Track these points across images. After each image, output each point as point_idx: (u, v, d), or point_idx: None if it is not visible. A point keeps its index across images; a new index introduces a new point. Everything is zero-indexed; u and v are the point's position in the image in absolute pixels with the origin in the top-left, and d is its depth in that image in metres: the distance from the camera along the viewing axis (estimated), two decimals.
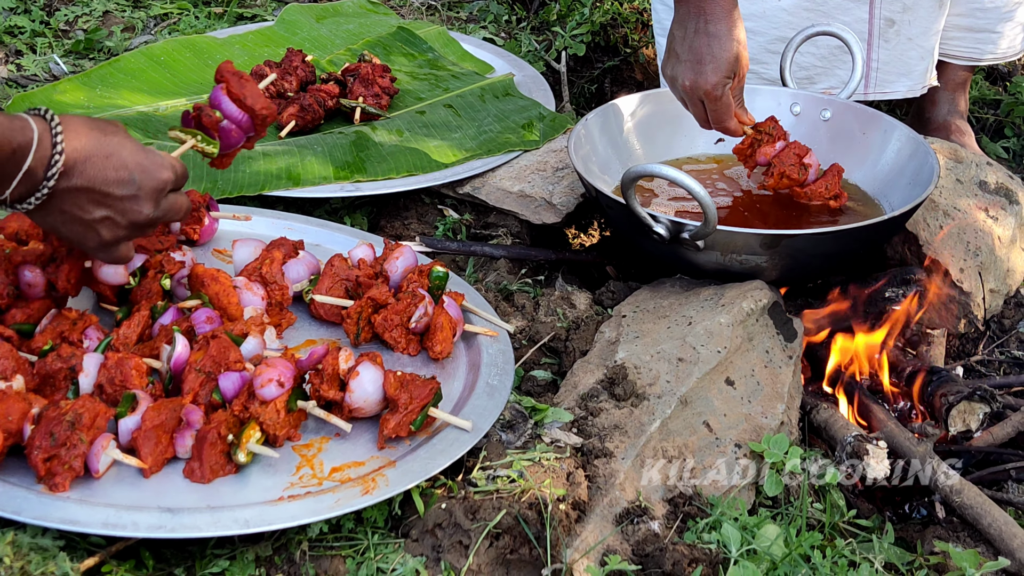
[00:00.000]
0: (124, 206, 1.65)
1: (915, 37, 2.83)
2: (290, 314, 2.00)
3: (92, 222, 1.65)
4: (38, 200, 1.59)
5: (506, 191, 2.50)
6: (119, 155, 1.64)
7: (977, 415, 2.00)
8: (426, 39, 3.17)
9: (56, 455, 1.54)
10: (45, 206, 1.62)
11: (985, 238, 2.35)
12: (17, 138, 1.53)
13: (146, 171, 1.66)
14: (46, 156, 1.57)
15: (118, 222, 1.67)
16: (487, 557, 1.58)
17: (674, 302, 2.09)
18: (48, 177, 1.57)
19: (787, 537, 1.68)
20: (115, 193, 1.64)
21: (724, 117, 2.22)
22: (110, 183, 1.63)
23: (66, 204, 1.63)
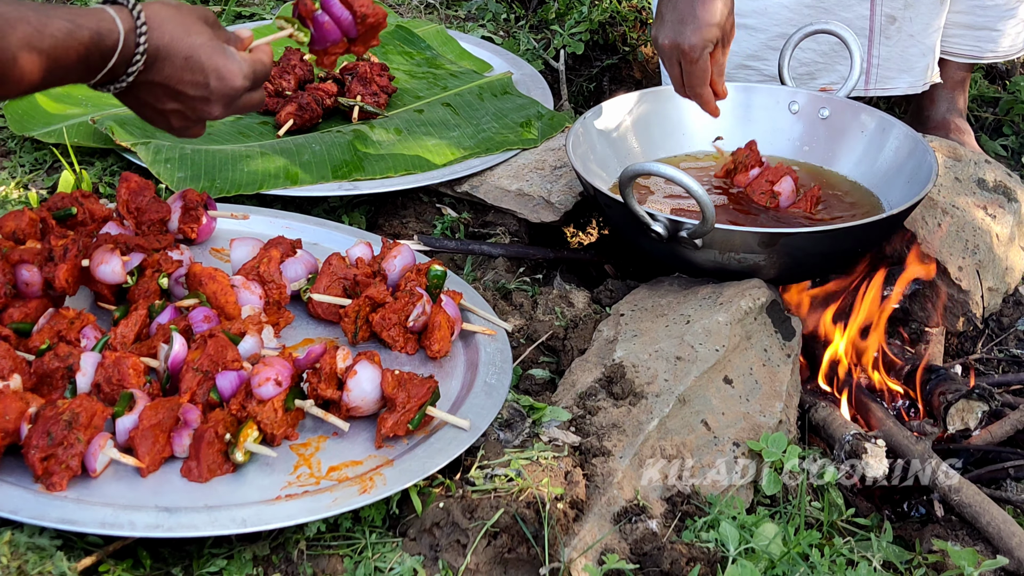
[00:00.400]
0: (195, 105, 1.72)
1: (916, 34, 2.82)
2: (288, 313, 2.00)
3: (165, 112, 1.73)
4: (117, 88, 1.66)
5: (504, 190, 2.49)
6: (197, 57, 1.68)
7: (976, 413, 2.00)
8: (424, 37, 3.17)
9: (53, 454, 1.54)
10: (124, 93, 1.70)
11: (984, 236, 2.35)
12: (106, 40, 1.59)
13: (222, 78, 1.71)
14: (129, 54, 1.63)
15: (188, 116, 1.74)
16: (485, 556, 1.58)
17: (672, 301, 2.09)
18: (129, 73, 1.64)
19: (785, 536, 1.68)
20: (188, 93, 1.70)
21: (698, 82, 2.18)
22: (185, 83, 1.69)
23: (142, 93, 1.70)
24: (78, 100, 2.66)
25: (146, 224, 2.09)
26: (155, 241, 2.01)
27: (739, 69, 2.84)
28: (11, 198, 2.31)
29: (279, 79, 2.75)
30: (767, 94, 2.58)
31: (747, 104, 2.58)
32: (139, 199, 2.10)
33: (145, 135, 2.46)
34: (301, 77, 2.80)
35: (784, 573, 1.62)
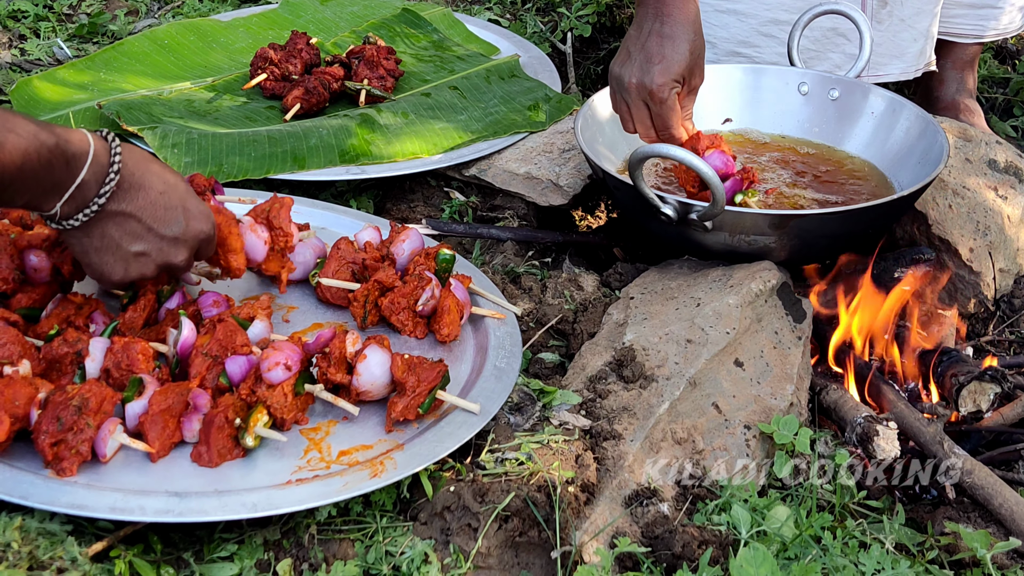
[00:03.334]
0: (162, 246, 1.64)
1: (908, 18, 2.81)
2: (290, 263, 1.99)
3: (127, 254, 1.63)
4: (86, 217, 1.56)
5: (512, 173, 2.49)
6: (172, 194, 1.63)
7: (987, 395, 1.99)
8: (431, 21, 3.16)
9: (63, 440, 1.54)
10: (89, 227, 1.59)
11: (995, 217, 2.34)
12: (73, 148, 1.51)
13: (194, 218, 1.66)
14: (102, 172, 1.55)
15: (152, 260, 1.65)
16: (496, 540, 1.58)
17: (682, 283, 2.08)
18: (100, 194, 1.55)
19: (797, 518, 1.68)
20: (158, 230, 1.63)
21: (668, 122, 2.11)
22: (158, 219, 1.62)
23: (110, 227, 1.60)
24: (84, 85, 2.65)
25: None
26: None
27: (730, 56, 2.82)
28: None
29: (286, 63, 2.74)
30: (776, 75, 2.56)
31: (756, 85, 2.57)
32: None
33: (152, 120, 2.45)
34: (308, 61, 2.79)
35: (796, 556, 1.61)
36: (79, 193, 1.54)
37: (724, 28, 2.81)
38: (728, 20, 2.80)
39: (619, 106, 2.17)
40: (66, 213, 1.56)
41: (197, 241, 1.68)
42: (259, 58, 2.75)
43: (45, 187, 1.51)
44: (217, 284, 1.98)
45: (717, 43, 2.82)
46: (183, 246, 1.66)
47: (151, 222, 1.61)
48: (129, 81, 2.71)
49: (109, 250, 1.62)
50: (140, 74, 2.75)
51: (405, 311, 1.93)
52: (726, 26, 2.81)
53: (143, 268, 1.66)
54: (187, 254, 1.67)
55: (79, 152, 1.52)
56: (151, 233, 1.62)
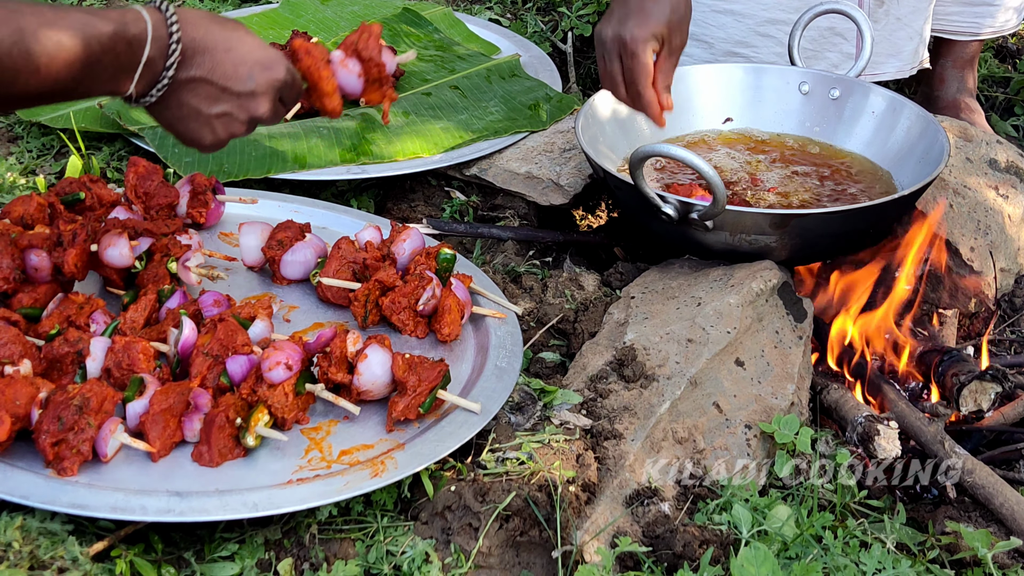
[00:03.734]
0: (243, 103, 1.64)
1: (904, 17, 2.81)
2: (392, 91, 1.97)
3: (210, 117, 1.64)
4: (159, 91, 1.58)
5: (513, 172, 2.48)
6: (238, 50, 1.62)
7: (988, 395, 1.99)
8: (431, 20, 3.16)
9: (64, 439, 1.54)
10: (166, 99, 1.61)
11: (995, 217, 2.34)
12: (131, 29, 1.51)
13: (265, 68, 1.64)
14: (164, 45, 1.55)
15: (237, 117, 1.66)
16: (497, 539, 1.58)
17: (683, 283, 2.08)
18: (167, 67, 1.56)
19: (798, 518, 1.68)
20: (233, 88, 1.62)
21: (639, 78, 2.05)
22: (229, 77, 1.62)
23: (186, 95, 1.61)
24: None
25: (154, 209, 2.08)
26: (163, 226, 2.00)
27: (727, 56, 2.82)
28: (19, 183, 2.31)
29: None
30: (777, 74, 2.56)
31: (757, 85, 2.57)
32: (147, 184, 2.09)
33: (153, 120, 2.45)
34: None
35: (797, 555, 1.61)
36: (147, 71, 1.55)
37: (721, 28, 2.81)
38: (725, 20, 2.80)
39: (599, 63, 2.13)
40: (141, 91, 1.58)
41: (275, 89, 1.67)
42: None
43: (114, 73, 1.53)
44: (218, 284, 1.98)
45: (714, 43, 2.82)
46: (262, 97, 1.65)
47: (223, 81, 1.61)
48: None
49: (191, 117, 1.64)
50: None
51: (406, 310, 1.93)
52: (723, 26, 2.80)
53: (230, 127, 1.66)
54: (269, 104, 1.67)
55: (138, 32, 1.52)
56: (226, 92, 1.62)
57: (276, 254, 2.03)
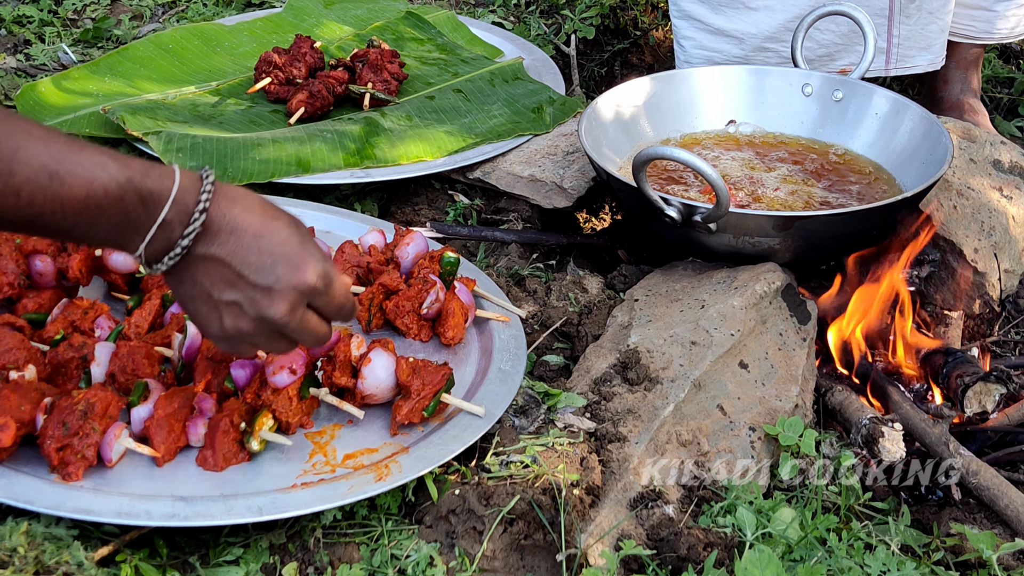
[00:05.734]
0: (255, 295, 1.44)
1: (935, 11, 2.81)
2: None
3: (218, 303, 1.45)
4: (171, 260, 1.41)
5: (516, 176, 2.49)
6: (269, 238, 1.43)
7: (993, 396, 1.99)
8: (435, 24, 3.16)
9: (69, 444, 1.54)
10: (179, 272, 1.44)
11: (999, 217, 2.34)
12: (149, 184, 1.36)
13: (291, 265, 1.44)
14: (186, 212, 1.39)
15: (245, 312, 1.45)
16: (501, 543, 1.58)
17: (687, 285, 2.08)
18: (184, 235, 1.39)
19: (803, 520, 1.68)
20: (249, 278, 1.43)
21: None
22: (248, 265, 1.42)
23: (199, 273, 1.44)
24: (89, 90, 2.66)
25: None
26: None
27: (758, 51, 2.83)
28: None
29: (290, 67, 2.74)
30: (780, 77, 2.56)
31: (760, 87, 2.57)
32: None
33: (157, 124, 2.46)
34: (312, 65, 2.79)
35: (802, 557, 1.61)
36: (162, 234, 1.39)
37: (753, 24, 2.81)
38: (757, 16, 2.81)
39: None
40: (152, 255, 1.41)
41: (298, 292, 1.45)
42: (263, 62, 2.75)
43: (120, 226, 1.37)
44: None
45: (745, 39, 2.83)
46: (279, 297, 1.44)
47: (240, 267, 1.42)
48: (134, 85, 2.71)
49: (201, 298, 1.46)
50: (145, 78, 2.75)
51: (410, 314, 1.93)
52: (754, 22, 2.81)
53: (238, 321, 1.46)
54: (285, 307, 1.45)
55: (157, 190, 1.37)
56: (241, 280, 1.43)
57: None
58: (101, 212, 1.34)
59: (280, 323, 1.46)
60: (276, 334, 1.48)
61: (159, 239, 1.39)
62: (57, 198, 1.31)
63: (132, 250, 1.40)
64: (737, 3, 2.81)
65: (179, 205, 1.39)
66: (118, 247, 1.41)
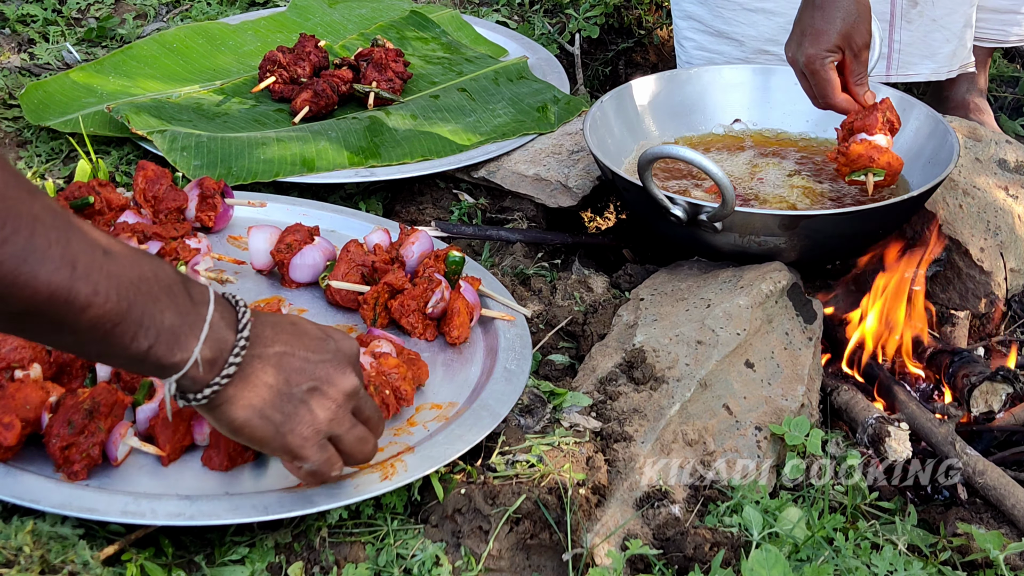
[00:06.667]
0: (328, 372, 1.39)
1: (939, 19, 2.80)
2: None
3: (301, 394, 1.37)
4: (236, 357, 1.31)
5: (521, 175, 2.48)
6: (304, 324, 1.42)
7: (999, 395, 1.99)
8: (439, 23, 3.16)
9: (74, 443, 1.54)
10: (247, 378, 1.33)
11: (1005, 217, 2.33)
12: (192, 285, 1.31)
13: (338, 335, 1.44)
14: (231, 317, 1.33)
15: (327, 393, 1.39)
16: (507, 542, 1.58)
17: (692, 284, 2.08)
18: (240, 328, 1.32)
19: (809, 520, 1.67)
20: (314, 357, 1.38)
21: (825, 92, 2.16)
22: (308, 346, 1.38)
23: (268, 374, 1.34)
24: (93, 89, 2.66)
25: (163, 212, 2.08)
26: (172, 229, 2.00)
27: (758, 54, 2.83)
28: None
29: (294, 66, 2.74)
30: (786, 75, 2.54)
31: (765, 86, 2.57)
32: (156, 187, 2.09)
33: (161, 123, 2.45)
34: (316, 64, 2.79)
35: (808, 557, 1.61)
36: (213, 334, 1.30)
37: (752, 26, 2.81)
38: (757, 18, 2.81)
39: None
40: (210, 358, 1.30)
41: (354, 356, 1.44)
42: (268, 61, 2.75)
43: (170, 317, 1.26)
44: (227, 287, 1.98)
45: (745, 41, 2.83)
46: (345, 365, 1.41)
47: (303, 350, 1.38)
48: (138, 84, 2.71)
49: (283, 399, 1.36)
50: (149, 77, 2.75)
51: (415, 313, 1.93)
52: (754, 24, 2.81)
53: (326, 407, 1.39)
54: (352, 373, 1.42)
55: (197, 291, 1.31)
56: (308, 363, 1.38)
57: (285, 257, 2.03)
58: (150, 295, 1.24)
59: (357, 390, 1.42)
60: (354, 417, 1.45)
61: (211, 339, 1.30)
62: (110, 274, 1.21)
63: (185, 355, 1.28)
64: (735, 5, 2.80)
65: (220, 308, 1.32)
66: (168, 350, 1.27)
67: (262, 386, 1.34)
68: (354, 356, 1.44)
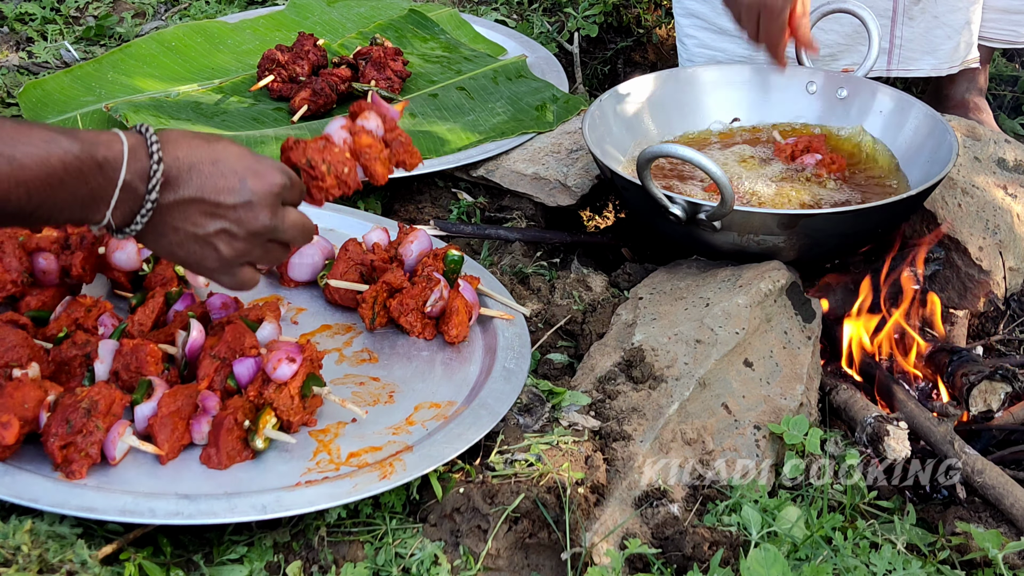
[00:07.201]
0: (239, 215, 1.50)
1: (941, 15, 2.80)
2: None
3: (207, 237, 1.51)
4: (144, 218, 1.45)
5: (520, 174, 2.48)
6: (226, 160, 1.50)
7: (998, 395, 1.99)
8: (438, 21, 3.16)
9: (72, 442, 1.54)
10: (155, 227, 1.49)
11: (1004, 216, 2.33)
12: (102, 152, 1.40)
13: (257, 174, 1.51)
14: (144, 167, 1.44)
15: (235, 233, 1.52)
16: (506, 541, 1.58)
17: (691, 283, 2.08)
18: (150, 189, 1.44)
19: (808, 519, 1.67)
20: (226, 201, 1.49)
21: (775, 38, 2.31)
22: (220, 191, 1.49)
23: (176, 220, 1.49)
24: (91, 88, 2.65)
25: None
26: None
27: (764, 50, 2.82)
28: None
29: (293, 65, 2.74)
30: (784, 75, 2.56)
31: (764, 85, 2.57)
32: None
33: (160, 122, 2.45)
34: (315, 62, 2.79)
35: (807, 556, 1.61)
36: (126, 195, 1.43)
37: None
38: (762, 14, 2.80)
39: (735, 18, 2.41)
40: (121, 220, 1.46)
41: (273, 196, 1.53)
42: (266, 60, 2.75)
43: (83, 198, 1.41)
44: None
45: None
46: (260, 208, 1.51)
47: (214, 196, 1.48)
48: (136, 83, 2.71)
49: (188, 241, 1.51)
50: (147, 76, 2.75)
51: (414, 312, 1.93)
52: None
53: (232, 245, 1.53)
54: (269, 213, 1.53)
55: (111, 155, 1.41)
56: (220, 207, 1.49)
57: None
58: (63, 186, 1.38)
59: (270, 229, 1.53)
60: (269, 243, 1.56)
61: (124, 201, 1.43)
62: (19, 181, 1.34)
63: (98, 219, 1.44)
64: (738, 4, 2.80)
65: (135, 163, 1.43)
66: (82, 221, 1.44)
67: (170, 231, 1.50)
68: (268, 195, 1.52)
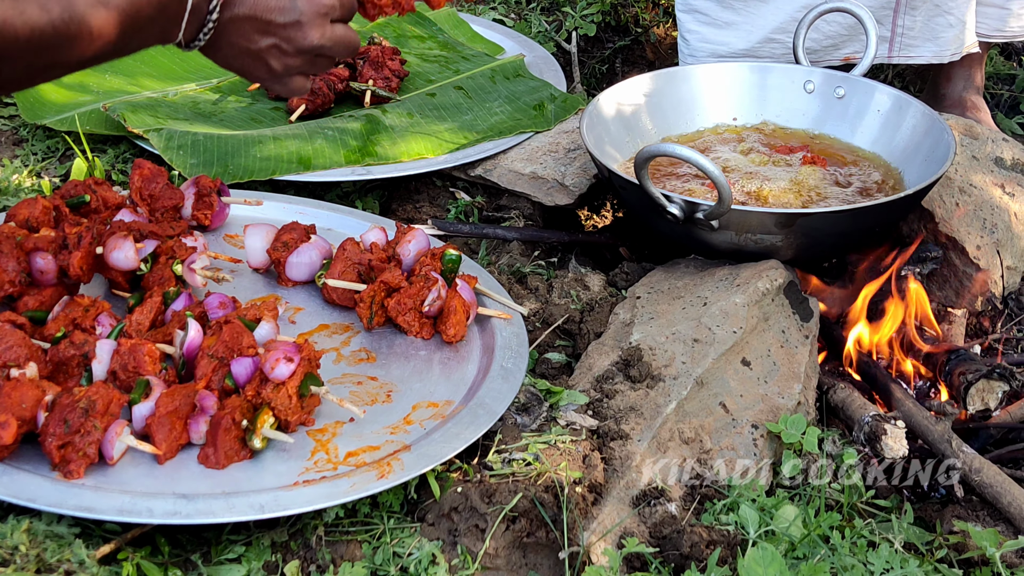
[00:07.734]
0: (288, 33, 1.69)
1: (942, 3, 2.80)
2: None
3: (260, 52, 1.71)
4: (206, 35, 1.65)
5: (518, 173, 2.48)
6: None
7: (996, 393, 1.99)
8: (436, 21, 3.15)
9: (70, 442, 1.54)
10: (215, 42, 1.68)
11: (1002, 215, 2.33)
12: None
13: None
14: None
15: (285, 49, 1.71)
16: (504, 541, 1.58)
17: (689, 283, 2.08)
18: (211, 10, 1.63)
19: (805, 518, 1.67)
20: (277, 20, 1.68)
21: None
22: (272, 10, 1.67)
23: (233, 36, 1.68)
24: (89, 88, 2.65)
25: (159, 211, 2.08)
26: (169, 228, 2.00)
27: (766, 43, 2.82)
28: (24, 186, 2.31)
29: None
30: (782, 74, 2.56)
31: (762, 84, 2.57)
32: (152, 186, 2.09)
33: (157, 122, 2.45)
34: None
35: (805, 555, 1.61)
36: (193, 18, 1.62)
37: (759, 17, 2.81)
38: (764, 9, 2.80)
39: None
40: (189, 38, 1.65)
41: (321, 16, 1.71)
42: None
43: (163, 26, 1.60)
44: (223, 286, 1.98)
45: (753, 30, 2.82)
46: (309, 26, 1.70)
47: (267, 15, 1.67)
48: (134, 83, 2.71)
49: (244, 55, 1.71)
50: (145, 75, 2.75)
51: (411, 312, 1.93)
52: (762, 15, 2.81)
53: (283, 60, 1.72)
54: (317, 33, 1.71)
55: None
56: (271, 25, 1.68)
57: (281, 256, 2.02)
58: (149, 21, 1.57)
59: (318, 47, 1.71)
60: (316, 58, 1.75)
61: (191, 23, 1.63)
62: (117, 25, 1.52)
63: (172, 39, 1.64)
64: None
65: None
66: (161, 42, 1.64)
67: (226, 46, 1.70)
68: (316, 15, 1.70)
